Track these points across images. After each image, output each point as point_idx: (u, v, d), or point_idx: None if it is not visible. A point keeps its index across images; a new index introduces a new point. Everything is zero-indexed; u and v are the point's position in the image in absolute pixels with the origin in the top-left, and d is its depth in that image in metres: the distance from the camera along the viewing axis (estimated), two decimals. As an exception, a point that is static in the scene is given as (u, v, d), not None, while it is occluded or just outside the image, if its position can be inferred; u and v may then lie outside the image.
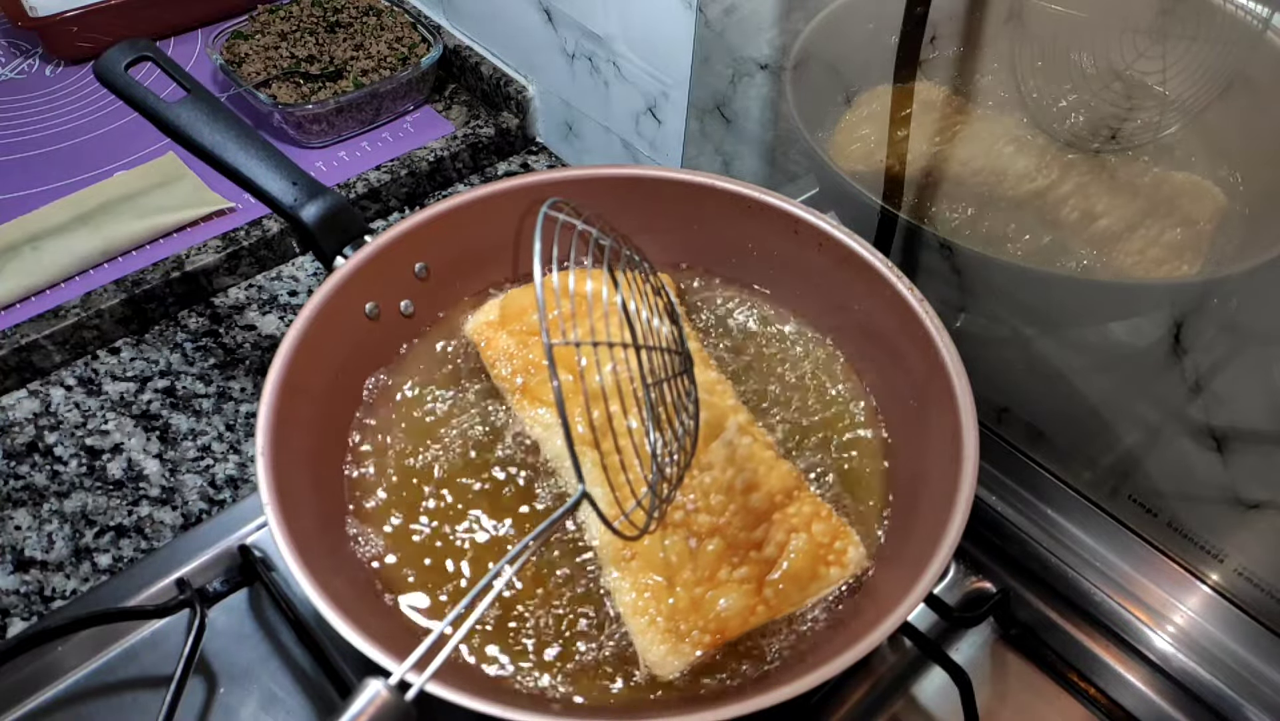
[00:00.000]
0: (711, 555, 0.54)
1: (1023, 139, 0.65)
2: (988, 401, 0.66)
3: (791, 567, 0.54)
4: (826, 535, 0.55)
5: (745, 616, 0.53)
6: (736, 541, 0.55)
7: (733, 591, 0.53)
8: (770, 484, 0.57)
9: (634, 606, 0.53)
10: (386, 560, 0.56)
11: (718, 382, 0.62)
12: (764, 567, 0.54)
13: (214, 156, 0.65)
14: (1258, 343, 0.54)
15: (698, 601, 0.53)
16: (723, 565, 0.54)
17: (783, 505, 0.56)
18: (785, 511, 0.56)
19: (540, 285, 0.39)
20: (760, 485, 0.56)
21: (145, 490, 0.75)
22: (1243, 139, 0.57)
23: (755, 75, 0.77)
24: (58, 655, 0.63)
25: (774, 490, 0.56)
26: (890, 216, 0.69)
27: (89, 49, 1.11)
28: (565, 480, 0.60)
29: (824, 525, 0.56)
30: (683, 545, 0.54)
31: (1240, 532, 0.59)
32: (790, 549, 0.54)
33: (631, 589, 0.54)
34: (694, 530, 0.55)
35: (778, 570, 0.54)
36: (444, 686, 0.43)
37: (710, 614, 0.52)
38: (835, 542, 0.55)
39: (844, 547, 0.55)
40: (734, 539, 0.55)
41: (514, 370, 0.63)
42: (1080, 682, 0.62)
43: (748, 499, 0.56)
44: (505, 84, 1.05)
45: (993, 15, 0.63)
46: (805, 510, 0.56)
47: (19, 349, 0.80)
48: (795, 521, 0.55)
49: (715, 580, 0.54)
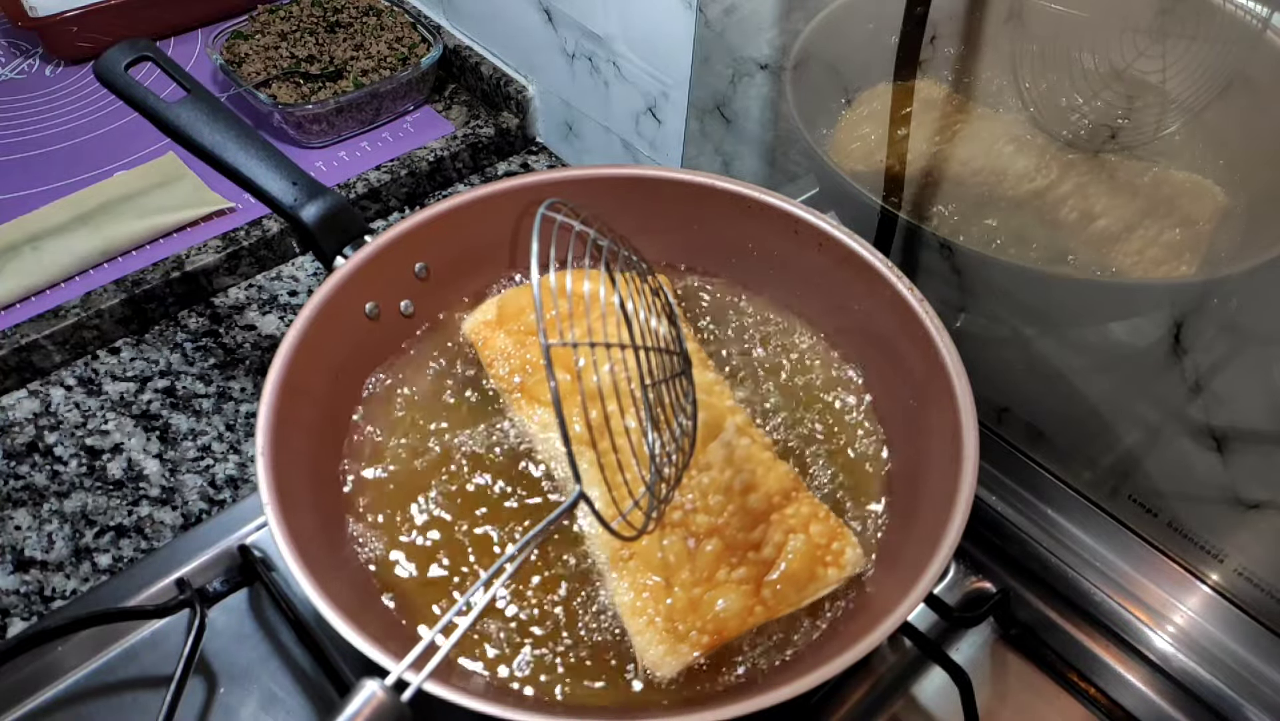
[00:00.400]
0: (710, 556, 0.54)
1: (1022, 139, 0.65)
2: (988, 401, 0.66)
3: (789, 568, 0.54)
4: (824, 536, 0.55)
5: (743, 617, 0.53)
6: (735, 542, 0.55)
7: (731, 592, 0.53)
8: (768, 485, 0.57)
9: (632, 607, 0.53)
10: (386, 560, 0.56)
11: (716, 383, 0.62)
12: (762, 568, 0.54)
13: (214, 156, 0.65)
14: (1258, 342, 0.54)
15: (696, 602, 0.53)
16: (721, 566, 0.54)
17: (781, 506, 0.56)
18: (783, 512, 0.56)
19: (538, 286, 0.39)
20: (758, 486, 0.56)
21: (145, 490, 0.75)
22: (1243, 139, 0.57)
23: (755, 75, 0.77)
24: (58, 655, 0.63)
25: (772, 491, 0.56)
26: (890, 216, 0.69)
27: (89, 49, 1.11)
28: (563, 479, 0.60)
29: (822, 526, 0.56)
30: (681, 545, 0.54)
31: (1240, 532, 0.59)
32: (788, 550, 0.54)
33: (630, 589, 0.54)
34: (692, 531, 0.55)
35: (775, 571, 0.54)
36: (440, 686, 0.43)
37: (709, 614, 0.52)
38: (833, 544, 0.55)
39: (841, 548, 0.55)
40: (732, 539, 0.55)
41: (511, 370, 0.63)
42: (1080, 682, 0.62)
43: (746, 499, 0.56)
44: (505, 84, 1.05)
45: (993, 15, 0.63)
46: (803, 511, 0.56)
47: (19, 349, 0.80)
48: (793, 522, 0.56)
49: (713, 580, 0.54)
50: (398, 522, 0.58)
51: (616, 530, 0.45)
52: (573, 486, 0.42)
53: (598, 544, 0.56)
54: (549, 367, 0.39)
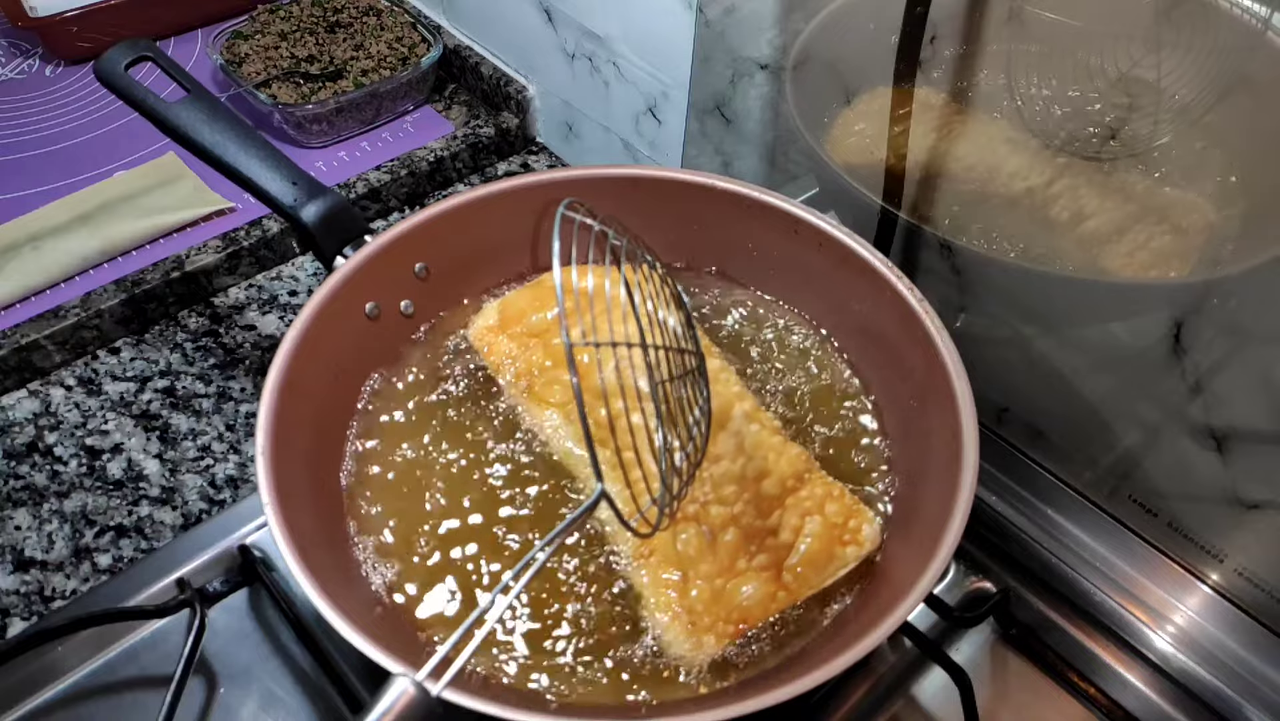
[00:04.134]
0: (729, 546, 0.54)
1: (1020, 139, 0.65)
2: (988, 401, 0.66)
3: (809, 551, 0.54)
4: (840, 515, 0.56)
5: (766, 604, 0.53)
6: (752, 530, 0.55)
7: (753, 580, 0.54)
8: (781, 469, 0.57)
9: (656, 602, 0.54)
10: (387, 560, 0.56)
11: (721, 370, 0.62)
12: (781, 553, 0.54)
13: (214, 156, 0.65)
14: (1258, 342, 0.54)
15: (719, 592, 0.53)
16: (740, 555, 0.54)
17: (794, 489, 0.56)
18: (798, 495, 0.56)
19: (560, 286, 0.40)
20: (771, 471, 0.57)
21: (145, 490, 0.75)
22: (1243, 138, 0.57)
23: (755, 75, 0.77)
24: (58, 655, 0.63)
25: (785, 475, 0.57)
26: (890, 216, 0.69)
27: (89, 49, 1.11)
28: (568, 478, 0.60)
29: (837, 505, 0.56)
30: (699, 538, 0.55)
31: (1240, 532, 0.59)
32: (805, 532, 0.55)
33: (652, 584, 0.54)
34: (709, 522, 0.55)
35: (795, 555, 0.54)
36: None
37: (733, 604, 0.53)
38: (850, 521, 0.56)
39: (858, 526, 0.56)
40: (749, 527, 0.55)
41: (518, 373, 0.63)
42: (1080, 682, 0.62)
43: (760, 486, 0.56)
44: (505, 84, 1.05)
45: (993, 16, 0.63)
46: (818, 492, 0.56)
47: (19, 349, 0.80)
48: (808, 504, 0.56)
49: (734, 570, 0.54)
50: (399, 522, 0.58)
51: (635, 527, 0.45)
52: (593, 485, 0.42)
53: (619, 542, 0.56)
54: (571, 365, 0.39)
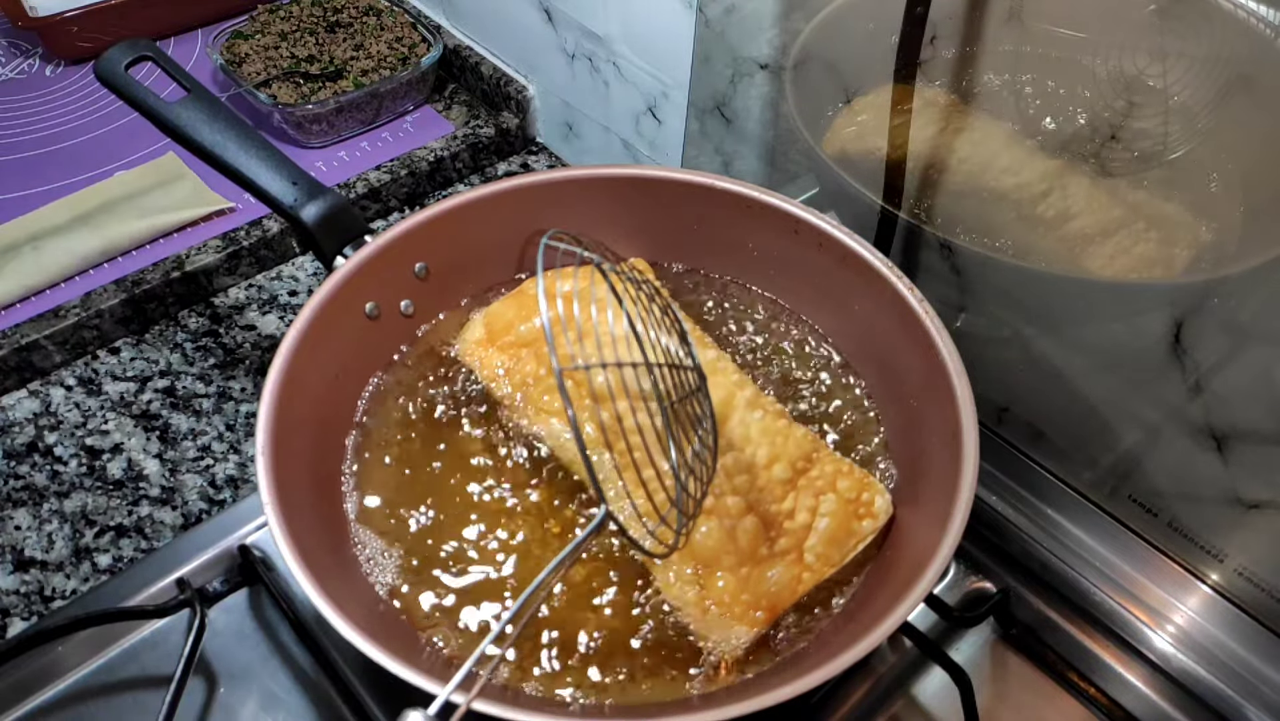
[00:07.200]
0: (749, 535, 0.55)
1: (1017, 137, 0.65)
2: (988, 401, 0.66)
3: (827, 530, 0.55)
4: (853, 490, 0.57)
5: (793, 586, 0.54)
6: (769, 516, 0.56)
7: (777, 565, 0.54)
8: (789, 452, 0.57)
9: (684, 599, 0.54)
10: (388, 561, 0.56)
11: (718, 360, 0.62)
12: (800, 535, 0.55)
13: (214, 156, 0.65)
14: (1258, 343, 0.54)
15: (745, 581, 0.54)
16: (761, 542, 0.55)
17: (805, 470, 0.57)
18: (809, 476, 0.57)
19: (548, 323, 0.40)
20: (780, 455, 0.57)
21: (145, 490, 0.75)
22: (1243, 138, 0.57)
23: (755, 75, 0.77)
24: (58, 655, 0.63)
25: (794, 457, 0.57)
26: (890, 216, 0.69)
27: (89, 49, 1.11)
28: (570, 476, 0.60)
29: (848, 480, 0.57)
30: (719, 531, 0.55)
31: (1240, 532, 0.59)
32: (821, 512, 0.56)
33: (677, 581, 0.54)
34: (726, 514, 0.55)
35: (814, 535, 0.55)
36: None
37: (760, 590, 0.53)
38: (862, 495, 0.57)
39: (871, 498, 0.57)
40: (766, 514, 0.55)
41: (513, 386, 0.63)
42: (1080, 682, 0.62)
43: (771, 472, 0.57)
44: (505, 84, 1.05)
45: (993, 16, 0.63)
46: (828, 470, 0.57)
47: (19, 349, 0.80)
48: (820, 484, 0.57)
49: (757, 557, 0.54)
50: (399, 523, 0.58)
51: (649, 549, 0.46)
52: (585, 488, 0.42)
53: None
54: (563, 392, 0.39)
